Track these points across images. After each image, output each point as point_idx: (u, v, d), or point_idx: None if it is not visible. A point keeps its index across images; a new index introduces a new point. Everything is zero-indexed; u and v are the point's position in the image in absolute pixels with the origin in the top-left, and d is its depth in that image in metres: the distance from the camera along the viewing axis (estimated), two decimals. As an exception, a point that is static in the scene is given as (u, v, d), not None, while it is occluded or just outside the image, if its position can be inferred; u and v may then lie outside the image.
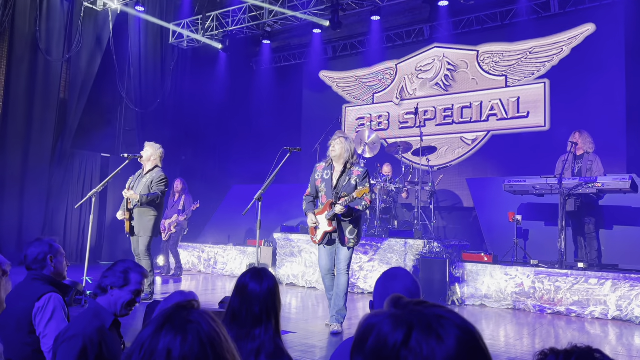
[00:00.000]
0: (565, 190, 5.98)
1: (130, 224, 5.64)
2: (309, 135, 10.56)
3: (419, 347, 0.69)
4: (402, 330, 0.71)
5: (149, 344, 0.92)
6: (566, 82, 8.63)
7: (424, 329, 0.70)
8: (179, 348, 0.90)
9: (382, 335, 0.71)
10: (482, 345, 0.73)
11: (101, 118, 9.88)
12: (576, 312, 5.65)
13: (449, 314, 0.74)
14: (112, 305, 2.25)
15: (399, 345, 0.69)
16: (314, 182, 4.75)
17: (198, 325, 0.93)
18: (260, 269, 2.09)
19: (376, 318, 0.75)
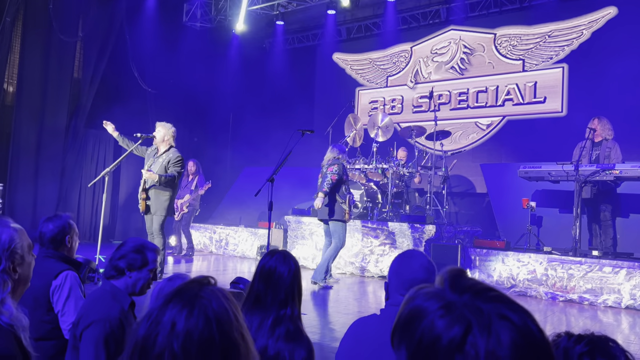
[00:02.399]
0: (582, 177, 5.88)
1: (146, 203, 5.69)
2: (322, 118, 10.49)
3: (476, 354, 0.61)
4: (459, 328, 0.63)
5: (156, 315, 0.90)
6: (585, 67, 8.44)
7: (483, 329, 0.62)
8: (184, 321, 0.88)
9: (435, 332, 0.64)
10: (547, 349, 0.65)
11: (114, 98, 9.88)
12: (589, 300, 5.60)
13: (514, 314, 0.64)
14: (131, 286, 2.21)
15: (454, 348, 0.62)
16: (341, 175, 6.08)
17: (207, 301, 0.91)
18: (284, 252, 2.09)
19: (428, 302, 0.67)
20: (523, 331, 0.63)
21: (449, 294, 0.67)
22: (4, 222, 1.42)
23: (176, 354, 0.87)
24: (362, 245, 7.13)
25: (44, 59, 9.06)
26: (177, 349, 0.87)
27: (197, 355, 0.87)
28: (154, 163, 5.74)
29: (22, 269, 1.40)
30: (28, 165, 8.88)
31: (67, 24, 9.24)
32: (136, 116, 9.87)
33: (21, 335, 1.30)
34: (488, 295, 0.66)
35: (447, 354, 0.62)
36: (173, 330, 0.88)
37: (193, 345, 0.87)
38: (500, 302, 0.66)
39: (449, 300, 0.66)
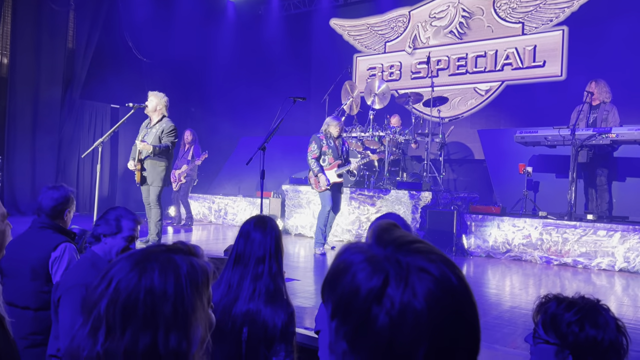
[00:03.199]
0: (578, 141, 5.85)
1: (141, 174, 5.68)
2: (319, 86, 10.38)
3: (391, 304, 0.61)
4: (377, 280, 0.63)
5: (109, 267, 0.91)
6: (586, 29, 8.27)
7: (400, 281, 0.62)
8: (117, 281, 0.88)
9: (355, 283, 0.64)
10: (469, 306, 0.64)
11: (109, 68, 9.79)
12: (583, 263, 5.65)
13: (435, 265, 0.64)
14: (107, 253, 2.29)
15: (372, 299, 0.62)
16: (321, 148, 6.25)
17: (150, 269, 0.89)
18: (264, 216, 2.14)
19: (354, 256, 0.67)
20: (440, 282, 0.63)
21: (374, 248, 0.67)
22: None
23: (100, 312, 0.87)
24: (358, 213, 7.16)
25: (37, 29, 8.94)
26: (103, 307, 0.87)
27: (118, 317, 0.86)
28: (147, 134, 5.71)
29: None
30: (25, 138, 8.87)
31: (58, -8, 9.08)
32: (131, 86, 9.79)
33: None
34: (410, 247, 0.66)
35: (365, 304, 0.62)
36: (107, 288, 0.88)
37: (117, 307, 0.86)
38: (421, 254, 0.65)
39: (372, 253, 0.66)
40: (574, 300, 1.34)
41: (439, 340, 0.61)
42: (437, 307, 0.61)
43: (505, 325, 3.41)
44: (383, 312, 0.61)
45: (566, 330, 1.28)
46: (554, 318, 1.31)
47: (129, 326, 0.86)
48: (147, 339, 0.86)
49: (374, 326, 0.62)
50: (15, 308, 2.64)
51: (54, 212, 2.75)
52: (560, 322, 1.30)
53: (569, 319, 1.29)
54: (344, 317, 0.65)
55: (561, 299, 1.35)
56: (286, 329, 1.93)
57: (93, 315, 0.87)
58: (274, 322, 1.90)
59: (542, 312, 1.36)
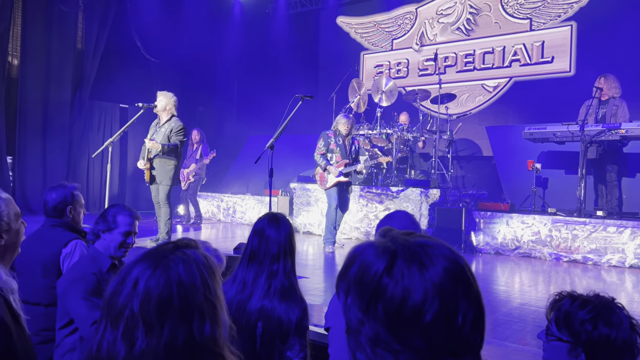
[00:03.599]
0: (587, 137, 5.81)
1: (151, 173, 5.73)
2: (326, 84, 10.39)
3: (401, 274, 0.68)
4: (385, 257, 0.70)
5: (125, 272, 0.93)
6: (595, 25, 8.21)
7: (408, 257, 0.69)
8: (145, 280, 0.90)
9: (365, 263, 0.71)
10: (469, 275, 0.72)
11: (118, 69, 9.86)
12: (593, 260, 5.62)
13: (436, 244, 0.73)
14: (107, 248, 2.36)
15: (381, 272, 0.69)
16: (328, 145, 6.24)
17: (174, 264, 0.92)
18: (277, 214, 2.17)
19: (362, 247, 0.74)
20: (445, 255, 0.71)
21: (380, 239, 0.74)
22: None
23: (134, 312, 0.89)
24: (367, 211, 7.17)
25: (46, 30, 9.02)
26: (136, 307, 0.89)
27: (154, 314, 0.89)
28: (156, 132, 5.75)
29: (9, 236, 1.43)
30: (36, 138, 8.96)
31: (67, -7, 9.15)
32: (140, 86, 9.86)
33: (10, 298, 1.32)
34: (415, 235, 0.74)
35: (376, 276, 0.69)
36: (135, 288, 0.90)
37: (151, 305, 0.89)
38: (426, 238, 0.74)
39: (381, 242, 0.73)
40: (588, 298, 1.34)
41: (445, 306, 0.67)
42: (443, 275, 0.68)
43: (514, 322, 3.41)
44: (393, 282, 0.68)
45: (579, 328, 1.28)
46: (568, 316, 1.31)
47: (166, 321, 0.89)
48: (184, 331, 0.89)
49: (385, 294, 0.68)
50: (27, 305, 2.69)
51: (55, 212, 2.80)
52: (573, 320, 1.30)
53: (583, 317, 1.29)
54: (358, 292, 0.71)
55: (575, 297, 1.35)
56: (300, 323, 1.96)
57: (125, 318, 0.89)
58: (288, 317, 1.94)
59: (555, 309, 1.36)
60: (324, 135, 6.29)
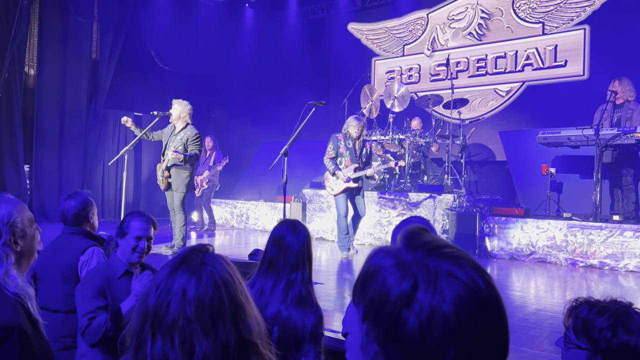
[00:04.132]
0: (602, 141, 5.76)
1: (167, 180, 5.80)
2: (338, 90, 10.43)
3: (420, 307, 0.63)
4: (407, 284, 0.64)
5: (165, 284, 0.95)
6: (608, 28, 8.15)
7: (428, 285, 0.64)
8: (194, 288, 0.93)
9: (386, 288, 0.66)
10: (495, 307, 0.65)
11: (132, 77, 10.00)
12: (609, 265, 5.56)
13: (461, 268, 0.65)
14: (124, 254, 2.42)
15: (402, 303, 0.64)
16: (337, 149, 6.06)
17: (212, 267, 0.96)
18: (295, 221, 2.18)
19: (384, 260, 0.69)
20: (468, 286, 0.64)
21: (404, 252, 0.69)
22: (3, 198, 1.46)
23: (190, 319, 0.92)
24: (380, 216, 7.16)
25: (62, 41, 9.18)
26: (191, 314, 0.92)
27: (209, 318, 0.92)
28: (172, 141, 5.81)
29: (24, 242, 1.45)
30: (52, 147, 9.10)
31: (82, 4, 9.31)
32: (154, 94, 9.99)
33: (28, 304, 1.35)
34: (439, 252, 0.68)
35: (395, 309, 0.64)
36: (185, 297, 0.93)
37: (205, 310, 0.92)
38: (450, 259, 0.67)
39: (402, 258, 0.68)
40: (606, 305, 1.33)
41: (467, 343, 0.62)
42: (465, 311, 0.63)
43: (531, 327, 3.39)
44: (413, 316, 0.63)
45: (598, 336, 1.27)
46: (586, 323, 1.30)
47: (220, 323, 0.93)
48: (235, 330, 0.93)
49: (404, 329, 0.63)
50: (47, 312, 2.73)
51: (78, 219, 2.85)
52: (592, 327, 1.29)
53: (601, 325, 1.28)
54: (375, 320, 0.66)
55: (593, 304, 1.34)
56: (315, 330, 1.97)
57: (179, 327, 0.91)
58: (303, 324, 1.94)
59: (573, 316, 1.35)
60: (333, 139, 6.09)
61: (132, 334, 0.98)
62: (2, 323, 1.24)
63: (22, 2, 8.39)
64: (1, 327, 1.23)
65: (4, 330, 1.23)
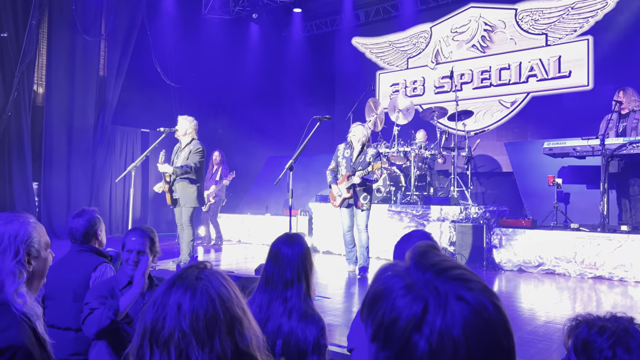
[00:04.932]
0: (608, 151, 5.75)
1: (172, 196, 5.80)
2: (343, 103, 10.49)
3: (430, 331, 0.63)
4: (417, 307, 0.64)
5: (161, 299, 0.97)
6: (611, 38, 8.18)
7: (438, 308, 0.64)
8: (189, 302, 0.95)
9: (395, 310, 0.66)
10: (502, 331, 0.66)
11: (139, 94, 10.11)
12: (619, 276, 5.51)
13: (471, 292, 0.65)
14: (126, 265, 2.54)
15: (412, 327, 0.64)
16: (337, 159, 5.87)
17: (207, 282, 0.99)
18: (292, 234, 2.16)
19: (393, 280, 0.68)
20: (477, 310, 0.64)
21: (413, 272, 0.69)
22: (25, 218, 1.50)
23: (185, 332, 0.94)
24: (386, 229, 7.15)
25: (70, 59, 9.31)
26: (186, 327, 0.94)
27: (204, 330, 0.95)
28: (177, 157, 5.85)
29: (37, 263, 1.47)
30: (60, 164, 9.20)
31: (89, 23, 9.46)
32: (160, 110, 10.10)
33: (36, 324, 1.36)
34: (449, 274, 0.67)
35: (405, 332, 0.64)
36: (180, 310, 0.95)
37: (200, 322, 0.95)
38: (459, 282, 0.66)
39: (411, 279, 0.68)
40: (605, 324, 1.31)
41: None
42: (474, 335, 0.63)
43: (539, 340, 3.36)
44: (423, 340, 0.63)
45: (599, 357, 1.26)
46: (586, 345, 1.29)
47: (216, 335, 0.95)
48: (230, 341, 0.95)
49: (414, 353, 0.63)
50: (57, 330, 2.74)
51: (86, 237, 2.88)
52: (592, 348, 1.28)
53: (601, 345, 1.27)
54: (384, 342, 0.66)
55: (592, 323, 1.33)
56: (318, 342, 1.96)
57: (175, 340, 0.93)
58: (305, 337, 1.93)
59: (573, 337, 1.34)
60: (336, 149, 5.95)
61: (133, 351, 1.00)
62: (8, 343, 1.25)
63: (31, 22, 8.54)
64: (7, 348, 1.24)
65: (9, 350, 1.24)
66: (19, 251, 1.42)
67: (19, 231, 1.44)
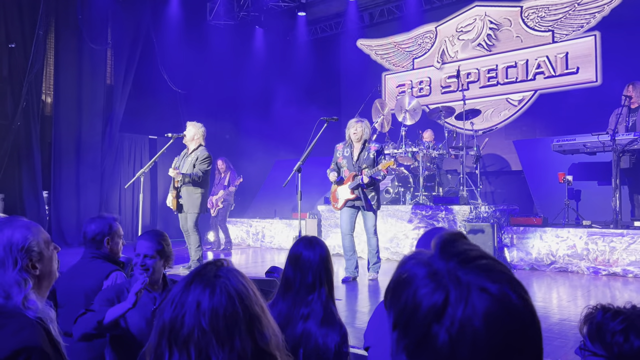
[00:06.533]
0: (619, 147, 5.68)
1: (178, 202, 5.81)
2: (349, 106, 10.47)
3: (451, 322, 0.62)
4: (438, 297, 0.63)
5: (180, 297, 0.96)
6: (619, 33, 8.11)
7: (459, 299, 0.62)
8: (208, 300, 0.94)
9: (417, 299, 0.65)
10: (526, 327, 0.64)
11: (146, 101, 10.16)
12: (633, 272, 5.44)
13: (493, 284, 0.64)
14: None
15: (432, 317, 0.63)
16: (336, 160, 5.52)
17: (226, 280, 0.97)
18: (311, 238, 2.13)
19: (416, 268, 0.67)
20: (501, 301, 0.63)
21: (437, 261, 0.67)
22: (16, 222, 1.44)
23: (205, 330, 0.93)
24: (396, 230, 7.12)
25: (77, 68, 9.38)
26: (206, 325, 0.93)
27: (224, 329, 0.93)
28: (183, 162, 5.86)
29: (42, 265, 1.43)
30: (69, 172, 9.25)
31: (96, 32, 9.52)
32: (167, 117, 10.14)
33: (50, 327, 1.35)
34: (473, 264, 0.66)
35: (425, 321, 0.63)
36: (199, 309, 0.94)
37: (220, 321, 0.93)
38: (483, 272, 0.65)
39: (435, 268, 0.66)
40: (620, 310, 1.29)
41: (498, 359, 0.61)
42: (496, 327, 0.62)
43: (555, 338, 3.32)
44: (443, 330, 0.62)
45: (611, 340, 1.24)
46: (600, 328, 1.27)
47: (236, 333, 0.93)
48: (250, 340, 0.93)
49: (434, 343, 0.62)
50: (69, 337, 2.73)
51: (94, 242, 2.86)
52: (605, 332, 1.26)
53: (614, 329, 1.25)
54: (404, 330, 0.66)
55: (607, 309, 1.31)
56: (340, 349, 1.91)
57: (195, 339, 0.92)
58: (326, 344, 1.89)
59: (588, 322, 1.32)
60: (335, 150, 5.56)
61: (150, 351, 0.98)
62: (23, 345, 1.24)
63: (38, 33, 8.62)
64: (22, 349, 1.23)
65: (25, 351, 1.23)
66: (18, 260, 1.37)
67: (12, 238, 1.39)
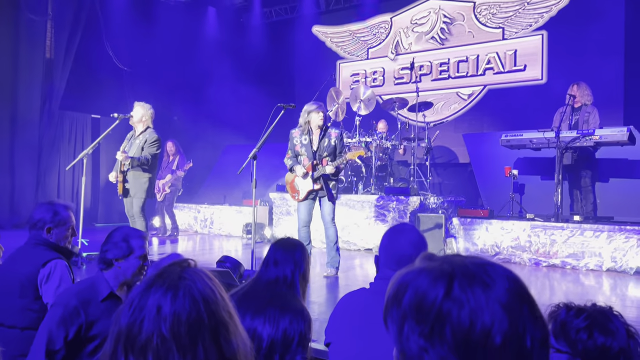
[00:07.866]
0: (563, 144, 5.93)
1: (124, 186, 5.56)
2: (304, 92, 10.37)
3: (466, 297, 0.65)
4: (443, 281, 0.67)
5: (139, 300, 0.88)
6: (564, 34, 8.44)
7: (468, 278, 0.67)
8: (170, 304, 0.86)
9: (420, 290, 0.68)
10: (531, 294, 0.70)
11: (89, 78, 9.64)
12: (571, 264, 5.72)
13: (492, 263, 0.70)
14: (122, 275, 2.22)
15: (441, 297, 0.66)
16: (293, 147, 5.23)
17: (191, 282, 0.89)
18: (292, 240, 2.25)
19: (409, 275, 0.71)
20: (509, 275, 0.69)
21: (427, 263, 0.72)
22: None
23: (165, 337, 0.85)
24: (348, 219, 7.14)
25: (14, 40, 8.77)
26: (166, 332, 0.85)
27: (187, 336, 0.86)
28: (131, 145, 5.60)
29: None
30: (3, 151, 8.67)
31: (35, 2, 8.90)
32: (112, 96, 9.66)
33: None
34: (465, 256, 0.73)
35: (435, 304, 0.66)
36: (159, 313, 0.86)
37: (182, 327, 0.86)
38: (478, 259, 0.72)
39: (427, 264, 0.71)
40: (583, 307, 1.33)
41: (514, 326, 0.65)
42: (508, 295, 0.67)
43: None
44: (457, 306, 0.65)
45: (575, 337, 1.26)
46: (564, 325, 1.29)
47: (199, 340, 0.86)
48: (215, 348, 0.86)
49: (451, 318, 0.65)
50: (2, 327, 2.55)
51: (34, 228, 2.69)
52: (569, 329, 1.28)
53: (578, 326, 1.27)
54: (418, 319, 0.68)
55: (570, 306, 1.34)
56: (304, 336, 1.94)
57: (154, 346, 0.84)
58: (292, 329, 1.91)
59: (552, 320, 1.34)
60: (289, 137, 5.23)
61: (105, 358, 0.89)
62: None
63: (-31, -2, 7.97)
64: None
65: None
66: None
67: None
